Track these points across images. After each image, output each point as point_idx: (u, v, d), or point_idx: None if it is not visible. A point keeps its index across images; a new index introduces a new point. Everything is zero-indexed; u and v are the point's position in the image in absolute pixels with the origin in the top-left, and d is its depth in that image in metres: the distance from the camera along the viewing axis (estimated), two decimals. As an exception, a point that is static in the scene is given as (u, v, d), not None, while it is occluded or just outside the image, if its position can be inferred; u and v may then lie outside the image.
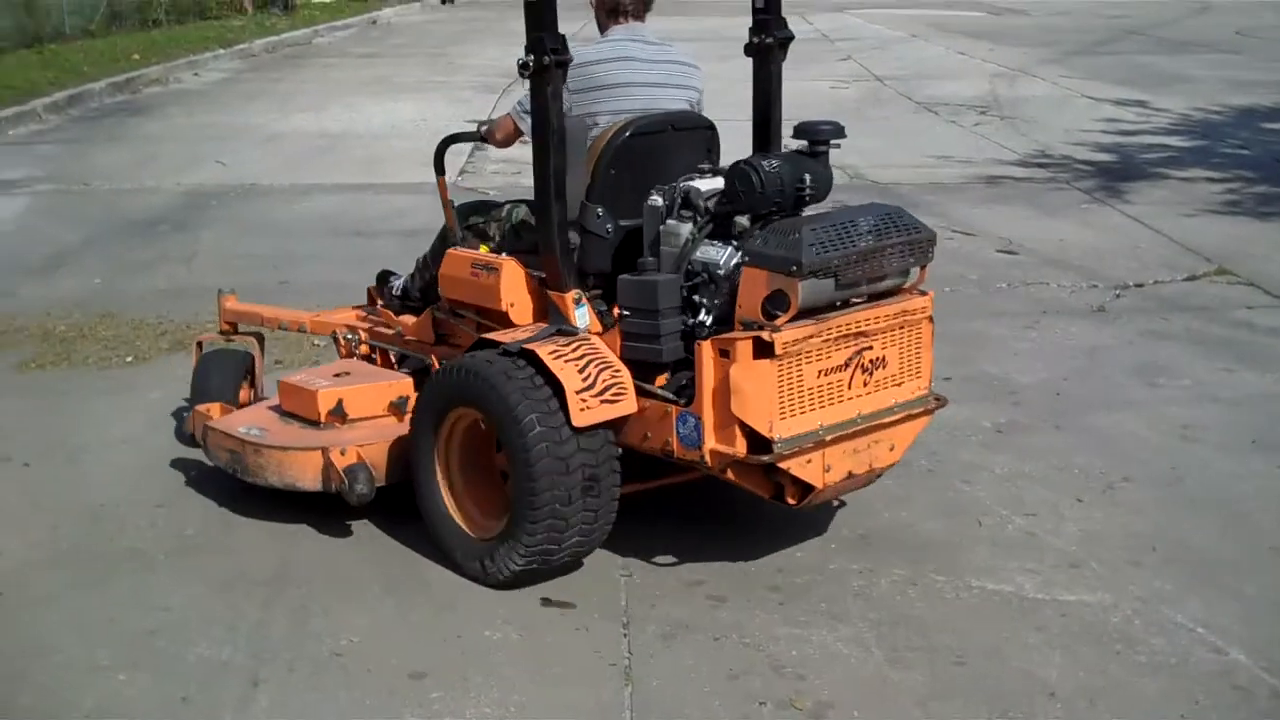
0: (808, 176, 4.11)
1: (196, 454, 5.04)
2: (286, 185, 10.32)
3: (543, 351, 3.99)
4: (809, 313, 3.87)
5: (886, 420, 4.11)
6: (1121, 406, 5.58)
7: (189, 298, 7.17)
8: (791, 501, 4.01)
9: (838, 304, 3.98)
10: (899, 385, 4.18)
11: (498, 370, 4.01)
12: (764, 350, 3.79)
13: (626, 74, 4.57)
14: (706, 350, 3.87)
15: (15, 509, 4.65)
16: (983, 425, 5.33)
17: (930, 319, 4.24)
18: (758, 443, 3.86)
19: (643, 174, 4.26)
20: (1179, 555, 4.26)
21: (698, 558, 4.25)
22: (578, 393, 3.93)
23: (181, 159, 11.30)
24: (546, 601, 3.99)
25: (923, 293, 4.21)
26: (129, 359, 6.23)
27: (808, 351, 3.87)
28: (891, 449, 4.18)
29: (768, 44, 4.56)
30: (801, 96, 15.12)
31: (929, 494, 4.72)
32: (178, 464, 4.99)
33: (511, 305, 4.34)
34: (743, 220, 4.09)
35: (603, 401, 3.97)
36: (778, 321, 3.78)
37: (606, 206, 4.26)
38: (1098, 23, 26.86)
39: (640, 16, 4.76)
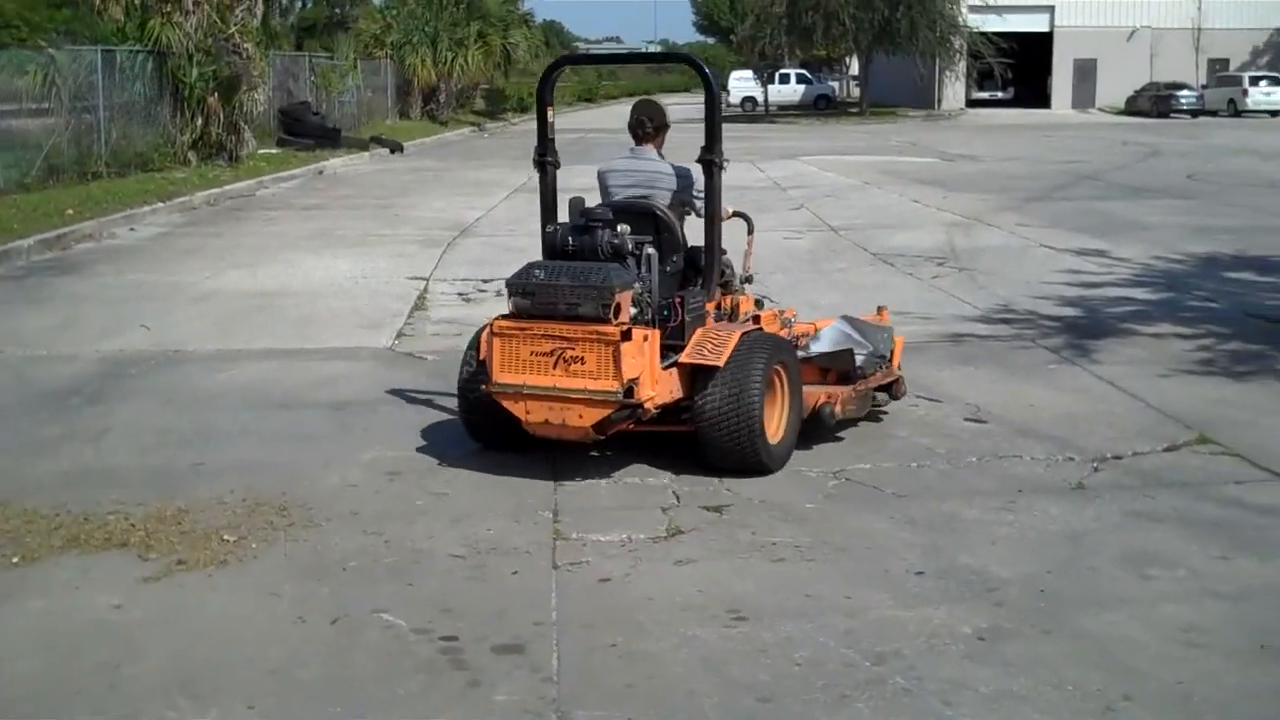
0: (570, 239, 6.70)
1: (67, 684, 4.45)
2: (213, 351, 9.76)
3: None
4: (529, 316, 6.40)
5: (575, 397, 6.26)
6: (1114, 605, 5.03)
7: (92, 484, 6.56)
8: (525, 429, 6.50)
9: (543, 314, 6.36)
10: (594, 379, 6.23)
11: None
12: (493, 329, 6.47)
13: (609, 181, 7.39)
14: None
15: None
16: (963, 632, 4.77)
17: (618, 342, 6.13)
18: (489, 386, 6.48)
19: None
20: (1196, 798, 3.70)
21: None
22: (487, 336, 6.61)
23: (105, 322, 10.74)
24: None
25: (625, 323, 6.22)
26: (15, 559, 5.59)
27: (521, 338, 6.36)
28: (580, 417, 6.27)
29: (701, 161, 6.95)
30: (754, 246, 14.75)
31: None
32: (43, 695, 4.37)
33: None
34: None
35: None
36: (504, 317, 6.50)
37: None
38: (1049, 168, 26.85)
39: (647, 141, 7.42)
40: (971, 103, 62.59)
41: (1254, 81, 57.87)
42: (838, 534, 5.80)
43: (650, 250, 6.69)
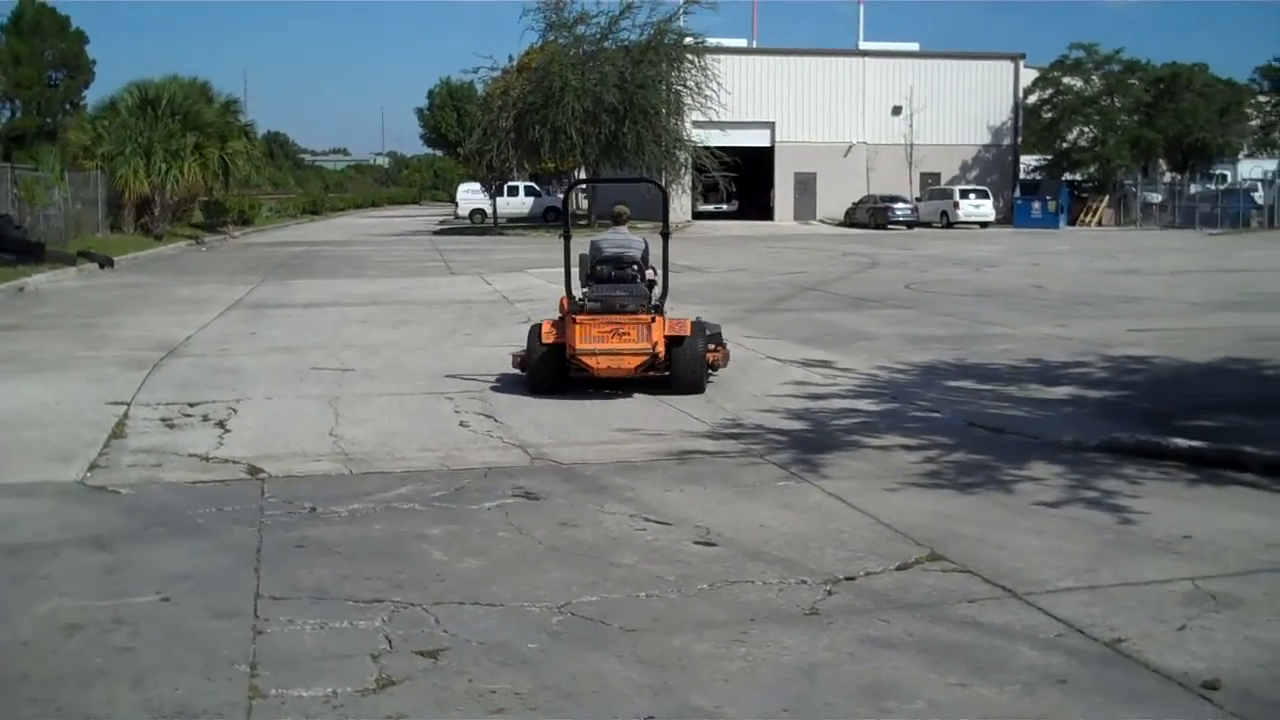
0: (611, 270, 12.67)
1: None
2: (-124, 491, 8.82)
3: (546, 323, 12.43)
4: (595, 312, 12.04)
5: (625, 352, 11.90)
6: (842, 747, 4.73)
7: None
8: (590, 373, 12.13)
9: (610, 310, 12.06)
10: (635, 342, 11.91)
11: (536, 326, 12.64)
12: (575, 320, 11.95)
13: (603, 243, 12.89)
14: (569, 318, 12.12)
15: None
16: (694, 786, 4.40)
17: (651, 320, 11.93)
18: (573, 353, 12.01)
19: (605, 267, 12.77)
20: None
21: None
22: (545, 330, 12.27)
23: None
24: None
25: (650, 313, 12.09)
26: None
27: (592, 324, 11.90)
28: (629, 362, 11.92)
29: (662, 234, 13.20)
30: (482, 364, 14.35)
31: None
32: None
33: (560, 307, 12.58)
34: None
35: (555, 335, 12.19)
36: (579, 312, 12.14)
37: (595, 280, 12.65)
38: (774, 279, 27.31)
39: (622, 223, 13.18)
40: (698, 215, 63.88)
41: (964, 195, 60.82)
42: (562, 678, 5.38)
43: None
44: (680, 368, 12.20)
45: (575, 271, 12.78)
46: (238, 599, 6.38)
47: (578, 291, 12.68)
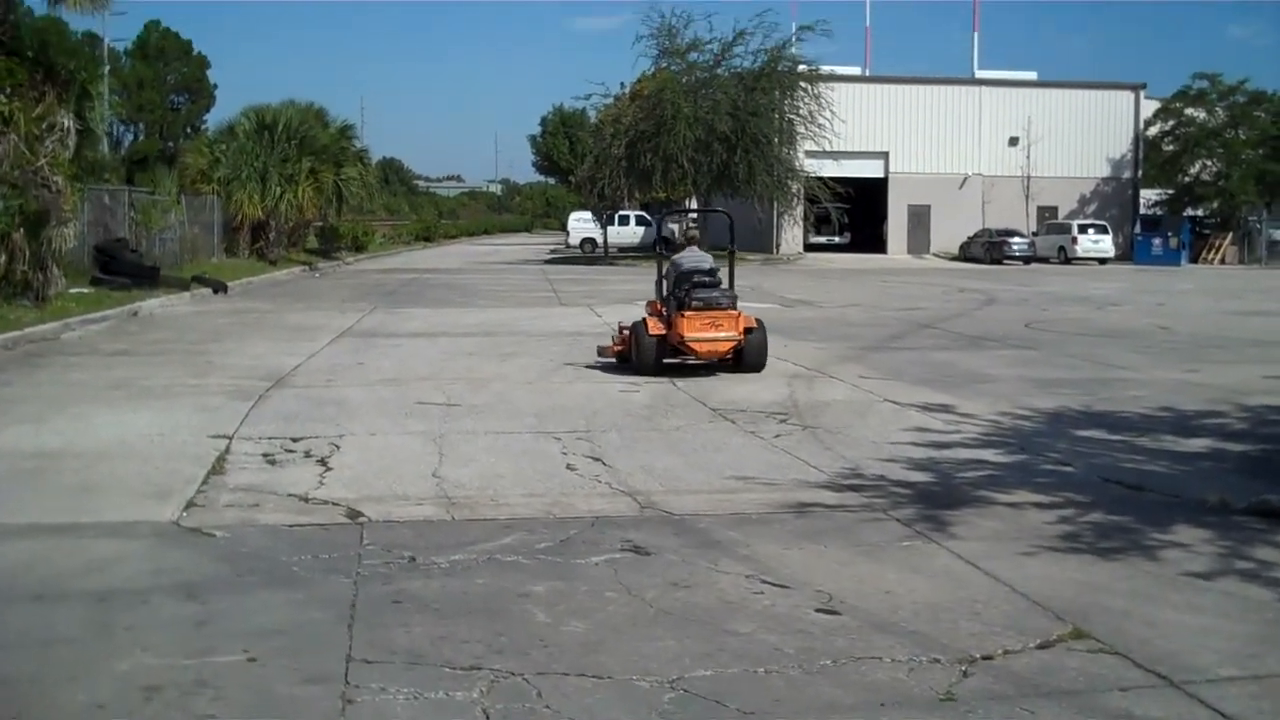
0: (706, 278, 16.55)
1: None
2: (-30, 526, 8.57)
3: (650, 319, 16.74)
4: (698, 310, 16.05)
5: (720, 339, 16.16)
6: None
7: None
8: (695, 358, 16.31)
9: (710, 307, 16.16)
10: (727, 332, 16.14)
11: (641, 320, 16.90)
12: (683, 315, 16.13)
13: (683, 259, 17.12)
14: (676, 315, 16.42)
15: None
16: None
17: (738, 315, 16.26)
18: (681, 340, 16.18)
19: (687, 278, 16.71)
20: None
21: None
22: (651, 325, 16.44)
23: None
24: None
25: (736, 309, 16.39)
26: None
27: (698, 318, 16.03)
28: (723, 346, 16.18)
29: (728, 252, 19.29)
30: (589, 400, 13.98)
31: None
32: None
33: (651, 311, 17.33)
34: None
35: (661, 328, 16.32)
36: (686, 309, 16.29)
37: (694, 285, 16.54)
38: (888, 315, 26.68)
39: (695, 243, 18.80)
40: (809, 247, 63.27)
41: (1083, 229, 59.53)
42: (674, 769, 4.91)
43: None
44: (751, 351, 16.32)
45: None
46: (328, 661, 5.99)
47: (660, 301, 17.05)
